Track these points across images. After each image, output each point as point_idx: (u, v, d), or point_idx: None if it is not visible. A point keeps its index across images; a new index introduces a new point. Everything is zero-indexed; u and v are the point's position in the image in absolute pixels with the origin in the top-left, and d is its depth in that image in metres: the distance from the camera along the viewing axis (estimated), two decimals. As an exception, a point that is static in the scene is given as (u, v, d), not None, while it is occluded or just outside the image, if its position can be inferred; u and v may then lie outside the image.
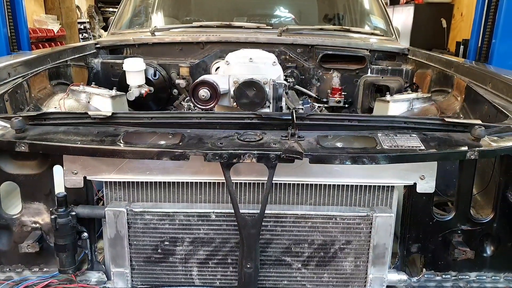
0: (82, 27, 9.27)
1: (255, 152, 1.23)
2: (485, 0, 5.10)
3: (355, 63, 2.70)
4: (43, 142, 1.30)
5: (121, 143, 1.30)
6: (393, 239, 1.43)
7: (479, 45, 5.15)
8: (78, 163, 1.39)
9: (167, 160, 1.26)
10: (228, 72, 1.93)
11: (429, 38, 7.68)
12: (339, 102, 2.61)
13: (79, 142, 1.31)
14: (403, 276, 1.46)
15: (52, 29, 7.78)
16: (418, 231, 1.44)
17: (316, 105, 2.59)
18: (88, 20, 9.93)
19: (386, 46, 2.85)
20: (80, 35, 9.04)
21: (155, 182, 1.42)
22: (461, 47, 6.49)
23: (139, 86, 2.48)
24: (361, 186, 1.41)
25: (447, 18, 7.97)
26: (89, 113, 1.42)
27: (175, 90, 2.72)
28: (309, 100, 2.49)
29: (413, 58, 2.71)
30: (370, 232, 1.38)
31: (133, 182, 1.43)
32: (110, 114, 1.42)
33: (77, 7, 9.25)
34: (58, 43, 7.68)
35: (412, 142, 1.32)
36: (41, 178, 1.41)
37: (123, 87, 2.47)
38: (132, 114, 1.46)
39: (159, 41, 2.80)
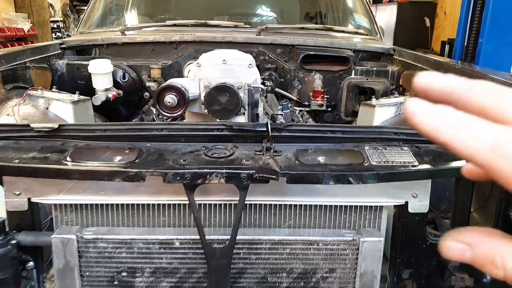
0: (55, 26, 8.91)
1: (224, 171, 1.05)
2: (471, -1, 5.01)
3: (338, 64, 2.53)
4: None
5: (67, 161, 1.11)
6: (383, 261, 1.27)
7: (465, 44, 5.04)
8: (21, 182, 1.20)
9: (119, 181, 1.07)
10: (199, 75, 1.75)
11: (413, 37, 7.60)
12: (321, 105, 2.44)
13: (17, 161, 1.11)
14: (394, 306, 1.31)
15: (22, 28, 7.45)
16: (410, 255, 1.28)
17: (297, 109, 2.43)
18: (62, 18, 9.56)
19: (371, 46, 2.70)
20: (54, 34, 8.68)
21: (111, 204, 1.24)
22: (447, 46, 6.38)
23: (106, 90, 2.27)
24: (346, 206, 1.24)
25: (431, 17, 7.90)
26: (32, 125, 1.22)
27: (147, 93, 2.52)
28: (289, 105, 2.32)
29: (399, 58, 2.56)
30: (357, 258, 1.21)
31: (85, 205, 1.24)
32: (56, 126, 1.22)
33: (50, 5, 8.88)
34: (29, 42, 7.34)
35: (404, 156, 1.15)
36: (-24, 201, 1.21)
37: (91, 90, 2.25)
38: (83, 126, 1.27)
39: (129, 40, 2.58)
